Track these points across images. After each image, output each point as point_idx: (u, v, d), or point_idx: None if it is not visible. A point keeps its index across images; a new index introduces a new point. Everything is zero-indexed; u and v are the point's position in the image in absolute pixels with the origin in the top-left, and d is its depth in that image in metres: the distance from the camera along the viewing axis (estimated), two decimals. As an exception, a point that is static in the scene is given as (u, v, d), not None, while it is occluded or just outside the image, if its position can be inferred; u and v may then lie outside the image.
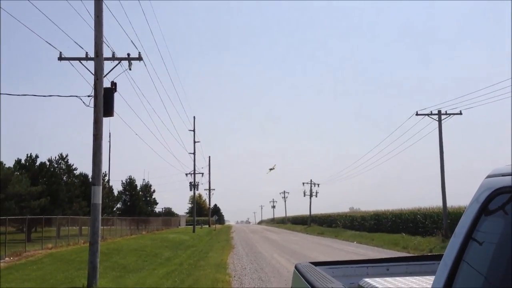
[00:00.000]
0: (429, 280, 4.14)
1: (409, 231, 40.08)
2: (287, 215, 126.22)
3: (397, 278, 4.41)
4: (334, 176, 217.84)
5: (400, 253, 28.16)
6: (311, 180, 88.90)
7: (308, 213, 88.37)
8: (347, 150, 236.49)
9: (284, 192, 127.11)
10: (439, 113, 33.56)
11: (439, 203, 34.80)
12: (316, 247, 35.00)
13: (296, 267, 4.91)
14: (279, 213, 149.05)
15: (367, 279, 4.37)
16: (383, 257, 5.60)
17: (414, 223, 40.46)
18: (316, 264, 5.08)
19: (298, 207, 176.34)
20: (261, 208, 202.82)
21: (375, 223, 50.17)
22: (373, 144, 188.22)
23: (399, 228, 42.76)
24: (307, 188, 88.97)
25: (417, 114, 34.20)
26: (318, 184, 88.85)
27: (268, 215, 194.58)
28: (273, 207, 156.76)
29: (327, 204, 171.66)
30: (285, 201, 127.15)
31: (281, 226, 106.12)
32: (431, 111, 33.97)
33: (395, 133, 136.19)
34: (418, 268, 5.13)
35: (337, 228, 62.28)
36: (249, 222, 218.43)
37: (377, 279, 4.39)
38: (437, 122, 33.58)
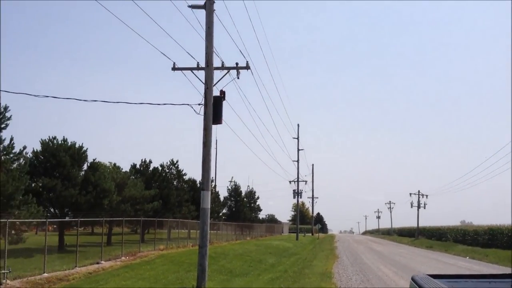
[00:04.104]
0: None
1: (528, 248, 37.02)
2: (393, 226, 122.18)
3: None
4: (445, 187, 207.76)
5: (520, 271, 26.07)
6: (419, 191, 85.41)
7: (415, 225, 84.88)
8: (458, 161, 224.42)
9: (390, 203, 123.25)
10: None
11: None
12: (425, 261, 33.46)
13: (413, 279, 4.70)
14: (384, 224, 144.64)
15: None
16: (508, 273, 5.19)
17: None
18: (435, 276, 4.83)
19: (405, 219, 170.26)
20: (365, 218, 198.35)
21: (490, 238, 46.97)
22: (486, 154, 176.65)
23: (516, 244, 39.65)
24: (414, 199, 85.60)
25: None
26: (427, 195, 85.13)
27: (372, 225, 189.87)
28: (378, 217, 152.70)
29: (436, 216, 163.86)
30: (390, 212, 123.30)
31: (386, 238, 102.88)
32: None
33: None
34: None
35: (447, 242, 59.14)
36: (353, 232, 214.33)
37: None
38: None
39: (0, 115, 23.28)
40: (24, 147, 25.04)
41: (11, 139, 23.92)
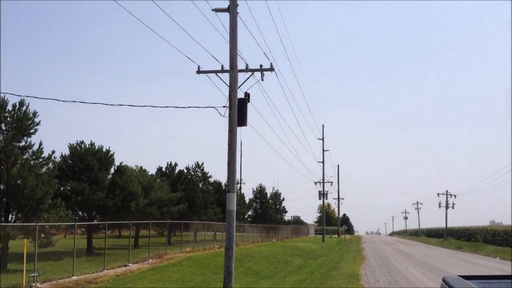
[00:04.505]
0: None
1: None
2: (421, 227, 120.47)
3: None
4: (474, 187, 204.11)
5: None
6: (447, 191, 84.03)
7: (443, 225, 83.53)
8: (487, 160, 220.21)
9: (417, 203, 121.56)
10: None
11: None
12: (454, 262, 32.90)
13: (444, 280, 4.60)
14: (412, 225, 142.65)
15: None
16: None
17: None
18: (467, 277, 4.72)
19: (433, 219, 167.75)
20: (392, 219, 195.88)
21: (521, 239, 45.96)
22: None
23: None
24: (442, 199, 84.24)
25: None
26: (455, 195, 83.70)
27: (399, 226, 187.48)
28: (405, 218, 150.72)
29: (465, 216, 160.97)
30: (418, 212, 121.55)
31: (414, 239, 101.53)
32: None
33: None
34: None
35: (477, 243, 58.05)
36: (380, 233, 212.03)
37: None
38: None
39: (29, 121, 23.73)
40: (53, 152, 25.49)
41: (40, 144, 24.39)
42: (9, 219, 23.52)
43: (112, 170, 36.11)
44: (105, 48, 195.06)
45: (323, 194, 72.55)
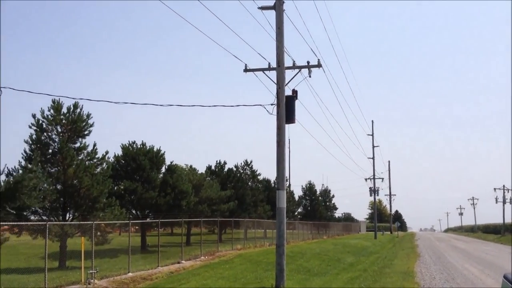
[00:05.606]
0: None
1: None
2: (477, 223, 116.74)
3: None
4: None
5: None
6: (503, 186, 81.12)
7: (501, 221, 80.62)
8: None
9: (473, 199, 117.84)
10: None
11: None
12: (514, 259, 31.65)
13: (505, 277, 4.42)
14: (467, 221, 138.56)
15: None
16: None
17: None
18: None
19: (489, 215, 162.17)
20: (447, 215, 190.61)
21: None
22: None
23: None
24: (499, 194, 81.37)
25: None
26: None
27: (454, 223, 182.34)
28: (461, 214, 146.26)
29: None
30: (474, 208, 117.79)
31: (470, 235, 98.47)
32: None
33: None
34: None
35: (538, 239, 55.74)
36: (434, 230, 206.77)
37: None
38: None
39: (83, 123, 24.49)
40: (106, 152, 26.24)
41: (94, 145, 25.15)
42: (67, 218, 24.38)
43: (163, 169, 36.84)
44: (153, 49, 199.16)
45: (374, 191, 71.47)
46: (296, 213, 68.33)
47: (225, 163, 50.15)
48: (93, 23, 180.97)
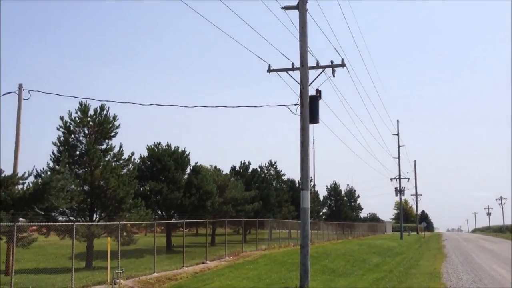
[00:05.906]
0: None
1: None
2: (505, 223, 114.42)
3: None
4: None
5: None
6: (533, 185, 79.23)
7: (531, 221, 78.84)
8: None
9: (501, 198, 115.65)
10: None
11: None
12: (545, 260, 30.92)
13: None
14: (496, 221, 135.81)
15: None
16: None
17: None
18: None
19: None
20: (474, 215, 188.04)
21: None
22: None
23: None
24: (529, 193, 79.50)
25: None
26: (543, 189, 78.77)
27: (482, 223, 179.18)
28: (489, 214, 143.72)
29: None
30: (502, 208, 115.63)
31: (498, 235, 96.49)
32: None
33: None
34: None
35: None
36: (461, 230, 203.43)
37: None
38: None
39: (109, 124, 24.84)
40: (132, 153, 26.54)
41: (120, 146, 25.49)
42: (94, 219, 24.75)
43: (188, 170, 37.10)
44: (176, 50, 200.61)
45: (399, 191, 70.58)
46: (320, 214, 68.03)
47: (249, 163, 50.31)
48: (119, 27, 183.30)
